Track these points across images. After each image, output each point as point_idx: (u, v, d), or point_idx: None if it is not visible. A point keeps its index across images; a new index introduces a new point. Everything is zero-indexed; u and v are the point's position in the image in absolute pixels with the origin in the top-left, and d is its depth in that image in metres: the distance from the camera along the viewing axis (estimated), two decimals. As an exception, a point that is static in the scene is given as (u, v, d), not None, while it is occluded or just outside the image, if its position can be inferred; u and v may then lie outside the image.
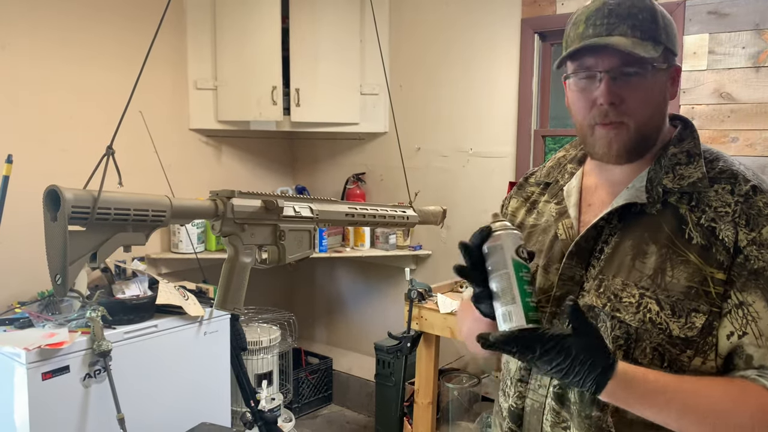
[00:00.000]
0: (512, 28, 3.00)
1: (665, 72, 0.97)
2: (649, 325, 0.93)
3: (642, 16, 0.94)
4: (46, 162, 2.73)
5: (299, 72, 3.25)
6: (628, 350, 0.95)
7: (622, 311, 0.95)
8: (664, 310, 0.93)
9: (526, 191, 1.19)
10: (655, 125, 0.99)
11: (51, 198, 0.76)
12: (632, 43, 0.93)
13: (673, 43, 0.97)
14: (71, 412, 2.23)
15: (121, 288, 2.49)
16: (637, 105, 0.95)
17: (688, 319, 0.92)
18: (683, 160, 0.98)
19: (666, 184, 0.97)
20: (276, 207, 1.06)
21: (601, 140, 0.98)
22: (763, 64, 2.37)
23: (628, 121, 0.96)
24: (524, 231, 1.12)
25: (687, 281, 0.92)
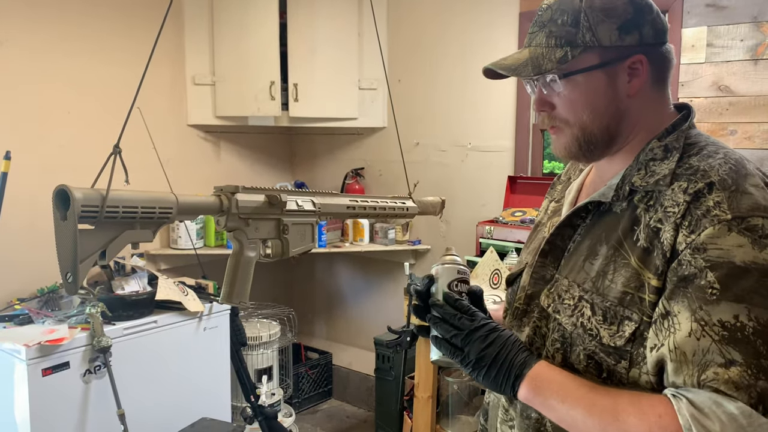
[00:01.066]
0: (510, 22, 3.00)
1: (605, 70, 0.91)
2: (580, 329, 0.91)
3: (562, 20, 0.91)
4: (44, 158, 2.73)
5: (297, 67, 3.24)
6: (565, 354, 0.93)
7: (561, 313, 0.94)
8: (596, 315, 0.89)
9: (555, 189, 1.18)
10: (599, 126, 0.94)
11: (60, 197, 0.76)
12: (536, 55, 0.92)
13: (613, 37, 0.90)
14: (71, 408, 2.23)
15: (121, 284, 2.49)
16: (565, 111, 0.95)
17: (619, 327, 0.87)
18: (659, 156, 0.92)
19: (635, 182, 0.92)
20: (279, 201, 1.07)
21: (551, 143, 1.01)
22: (761, 56, 2.37)
23: (562, 126, 0.96)
24: (537, 229, 1.14)
25: (623, 286, 0.87)
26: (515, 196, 3.01)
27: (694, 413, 0.76)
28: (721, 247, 0.80)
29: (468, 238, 3.11)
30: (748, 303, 0.77)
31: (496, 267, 2.67)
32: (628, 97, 0.93)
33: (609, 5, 0.90)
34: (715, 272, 0.79)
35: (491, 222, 2.88)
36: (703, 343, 0.78)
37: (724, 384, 0.75)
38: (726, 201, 0.82)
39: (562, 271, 0.98)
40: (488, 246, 2.78)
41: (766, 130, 2.39)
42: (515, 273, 1.10)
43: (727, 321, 0.77)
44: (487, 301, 2.64)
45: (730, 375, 0.75)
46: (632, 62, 0.92)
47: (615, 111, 0.94)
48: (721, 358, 0.76)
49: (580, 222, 0.99)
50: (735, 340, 0.76)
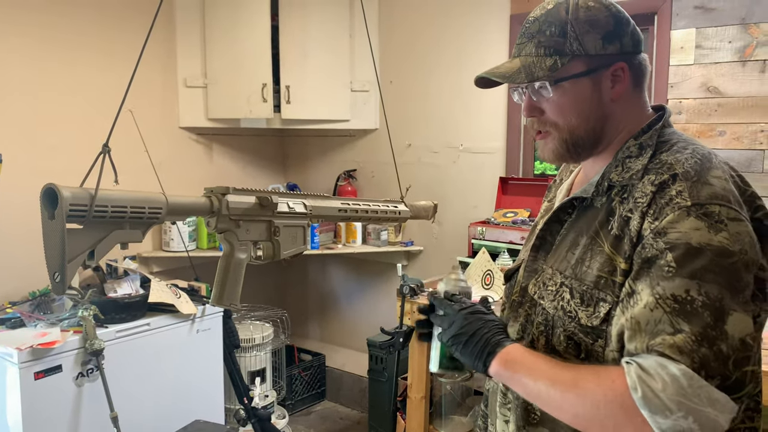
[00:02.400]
0: (501, 25, 3.01)
1: (591, 77, 0.99)
2: (561, 312, 0.99)
3: (550, 31, 0.99)
4: (36, 161, 2.72)
5: (289, 69, 3.25)
6: (548, 336, 1.01)
7: (545, 299, 1.03)
8: (574, 299, 0.97)
9: (551, 192, 1.26)
10: (586, 129, 1.01)
11: (48, 196, 0.76)
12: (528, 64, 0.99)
13: (598, 46, 0.98)
14: (64, 411, 2.23)
15: (113, 287, 2.49)
16: (555, 115, 1.02)
17: (595, 308, 0.95)
18: (634, 153, 1.00)
19: (612, 178, 1.00)
20: (270, 203, 1.07)
21: (539, 149, 1.09)
22: (749, 58, 2.40)
23: (551, 131, 1.03)
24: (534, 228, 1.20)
25: (598, 271, 0.95)
26: (507, 197, 3.02)
27: (640, 374, 0.82)
28: (680, 230, 0.87)
29: (460, 238, 3.12)
30: (700, 279, 0.84)
31: (488, 268, 2.68)
32: (611, 101, 1.01)
33: (593, 17, 0.99)
34: (673, 252, 0.86)
35: (483, 223, 2.89)
36: (656, 314, 0.85)
37: (669, 348, 0.82)
38: (687, 190, 0.90)
39: (548, 262, 1.06)
40: (480, 247, 2.79)
41: (754, 131, 2.41)
42: (512, 269, 1.19)
43: (679, 295, 0.84)
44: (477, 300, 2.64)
45: (675, 341, 0.82)
46: (615, 69, 1.00)
47: (600, 114, 1.02)
48: (671, 328, 0.83)
49: (566, 217, 1.07)
50: (684, 312, 0.83)
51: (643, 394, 0.81)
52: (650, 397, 0.81)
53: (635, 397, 0.82)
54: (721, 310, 0.83)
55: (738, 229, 0.87)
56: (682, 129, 2.52)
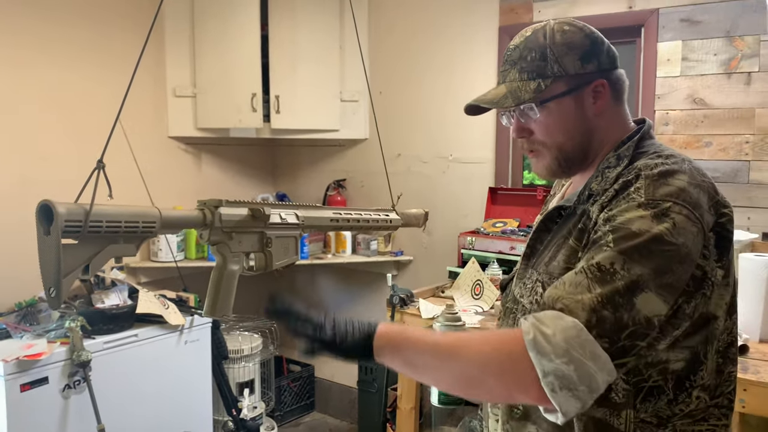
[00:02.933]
0: (490, 36, 3.04)
1: (573, 96, 1.05)
2: (535, 306, 1.04)
3: (531, 56, 1.05)
4: (23, 172, 2.70)
5: (279, 79, 3.25)
6: None
7: (524, 296, 1.10)
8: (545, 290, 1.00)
9: (547, 206, 1.30)
10: (573, 145, 1.07)
11: (44, 212, 0.76)
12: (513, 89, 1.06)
13: (577, 66, 1.04)
14: (50, 423, 2.20)
15: (101, 297, 2.47)
16: (543, 135, 1.08)
17: None
18: (612, 163, 1.05)
19: (593, 187, 1.05)
20: (263, 215, 1.07)
21: (531, 164, 1.15)
22: (734, 70, 2.43)
23: (541, 149, 1.09)
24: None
25: (565, 263, 1.02)
26: (496, 207, 3.03)
27: (534, 322, 0.88)
28: (626, 217, 0.93)
29: (450, 248, 3.12)
30: (627, 256, 0.89)
31: (477, 278, 2.69)
32: (594, 116, 1.07)
33: (569, 40, 1.05)
34: (614, 234, 0.92)
35: (473, 233, 2.90)
36: (579, 277, 0.91)
37: (574, 303, 0.88)
38: (644, 188, 0.95)
39: (534, 267, 1.12)
40: (470, 257, 2.79)
41: (739, 142, 2.44)
42: (508, 279, 1.24)
43: (604, 265, 0.90)
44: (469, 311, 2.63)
45: (583, 298, 0.88)
46: (595, 86, 1.06)
47: (585, 129, 1.08)
48: (587, 291, 0.88)
49: (553, 226, 1.13)
50: (602, 280, 0.88)
51: (533, 337, 0.86)
52: (539, 340, 0.85)
53: (526, 340, 0.86)
54: (637, 285, 0.87)
55: (685, 225, 0.91)
56: (669, 140, 2.55)
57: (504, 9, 2.99)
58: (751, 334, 2.00)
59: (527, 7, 2.92)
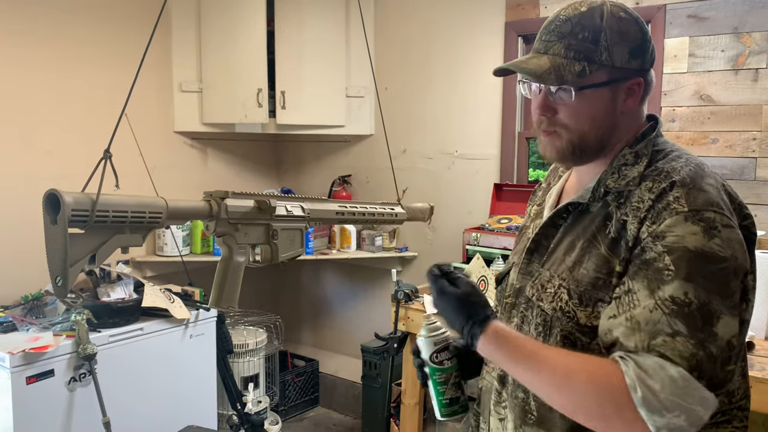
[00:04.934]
0: (496, 31, 3.03)
1: (611, 88, 1.01)
2: (559, 312, 1.01)
3: (583, 35, 0.99)
4: (29, 165, 2.71)
5: (285, 74, 3.25)
6: (545, 336, 1.03)
7: (543, 300, 1.04)
8: (572, 299, 0.99)
9: (537, 195, 1.28)
10: (595, 136, 1.03)
11: (51, 202, 0.76)
12: (557, 65, 0.99)
13: (624, 59, 0.99)
14: (56, 416, 2.21)
15: (107, 291, 2.48)
16: (568, 119, 1.02)
17: (594, 308, 0.97)
18: (630, 161, 1.03)
19: (609, 184, 1.02)
20: (269, 207, 1.07)
21: (540, 145, 1.09)
22: (741, 66, 2.42)
23: (560, 131, 1.04)
24: (522, 232, 1.24)
25: (595, 272, 0.98)
26: (501, 203, 3.03)
27: (639, 374, 0.85)
28: (677, 234, 0.90)
29: (454, 244, 3.12)
30: (695, 283, 0.87)
31: (482, 273, 2.68)
32: (621, 113, 1.04)
33: (624, 29, 1.00)
34: (671, 256, 0.90)
35: (478, 229, 2.90)
36: (656, 315, 0.88)
37: (671, 350, 0.85)
38: (684, 196, 0.93)
39: (545, 265, 1.07)
40: (475, 253, 2.79)
41: (746, 139, 2.43)
42: (503, 272, 1.20)
43: (678, 297, 0.87)
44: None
45: (675, 344, 0.85)
46: (632, 84, 1.02)
47: (610, 124, 1.03)
48: (669, 329, 0.86)
49: (561, 222, 1.08)
50: (682, 315, 0.86)
51: (643, 396, 0.84)
52: (650, 399, 0.84)
53: (635, 398, 0.85)
54: (711, 313, 0.87)
55: (730, 235, 0.91)
56: (675, 136, 2.54)
57: (510, 5, 2.98)
58: (757, 332, 2.00)
59: (534, 2, 2.91)
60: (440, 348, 1.12)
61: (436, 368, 1.12)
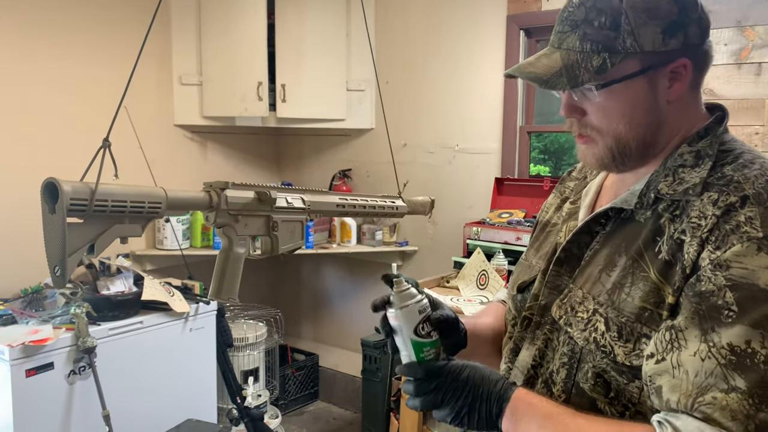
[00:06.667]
0: (498, 25, 3.01)
1: (646, 77, 0.83)
2: (593, 345, 0.84)
3: (600, 21, 0.82)
4: (28, 158, 2.70)
5: (285, 68, 3.24)
6: (571, 369, 0.87)
7: (573, 326, 0.87)
8: (610, 332, 0.82)
9: (565, 185, 1.12)
10: (635, 137, 0.86)
11: (49, 190, 0.75)
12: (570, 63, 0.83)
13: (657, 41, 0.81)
14: (56, 409, 2.21)
15: (106, 284, 2.47)
16: (599, 120, 0.86)
17: (636, 345, 0.80)
18: (689, 162, 0.85)
19: (661, 189, 0.85)
20: (269, 198, 1.06)
21: (579, 152, 0.93)
22: (744, 60, 2.41)
23: (594, 135, 0.88)
24: (546, 229, 1.07)
25: (641, 301, 0.80)
26: (502, 197, 3.02)
27: None
28: (746, 267, 0.73)
29: (455, 239, 3.12)
30: (765, 330, 0.71)
31: (483, 268, 2.68)
32: (666, 104, 0.86)
33: (652, 4, 0.81)
34: (734, 293, 0.73)
35: (478, 223, 2.89)
36: (708, 364, 0.72)
37: (720, 411, 0.70)
38: (759, 217, 0.75)
39: (576, 281, 0.91)
40: (475, 247, 2.79)
41: (749, 133, 2.42)
42: (528, 280, 1.02)
43: (737, 345, 0.71)
44: (474, 301, 2.62)
45: (728, 401, 0.69)
46: (675, 67, 0.84)
47: (653, 120, 0.86)
48: (724, 384, 0.70)
49: (598, 229, 0.92)
50: (742, 367, 0.70)
51: None
52: None
53: None
54: None
55: None
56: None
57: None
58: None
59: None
60: (424, 317, 0.91)
61: (425, 342, 0.90)
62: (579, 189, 1.06)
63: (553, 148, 3.50)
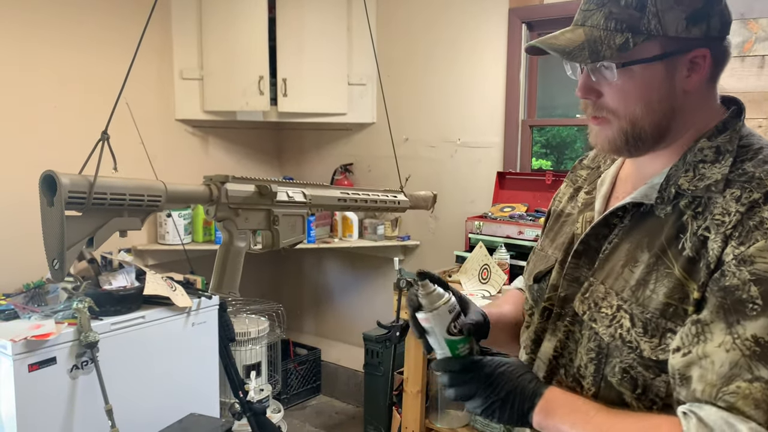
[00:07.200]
0: (500, 18, 3.00)
1: (665, 62, 0.85)
2: (619, 341, 0.86)
3: (626, 1, 0.84)
4: (30, 153, 2.70)
5: (286, 62, 3.23)
6: (599, 365, 0.89)
7: (598, 322, 0.89)
8: (636, 327, 0.84)
9: (576, 174, 1.12)
10: (651, 122, 0.87)
11: (47, 183, 0.75)
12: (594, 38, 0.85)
13: (680, 27, 0.83)
14: (58, 403, 2.21)
15: (108, 279, 2.47)
16: (615, 102, 0.88)
17: (662, 340, 0.82)
18: (709, 158, 0.86)
19: (682, 185, 0.86)
20: (269, 192, 1.06)
21: (591, 134, 0.94)
22: (748, 53, 2.39)
23: (609, 117, 0.89)
24: (561, 219, 1.08)
25: (666, 297, 0.82)
26: (504, 191, 3.02)
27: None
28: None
29: (457, 233, 3.11)
30: None
31: (485, 262, 2.67)
32: (683, 93, 0.87)
33: None
34: (759, 287, 0.75)
35: (480, 217, 2.89)
36: (732, 355, 0.74)
37: (743, 399, 0.72)
38: None
39: (597, 275, 0.92)
40: (477, 241, 2.78)
41: (752, 127, 2.40)
42: (544, 270, 1.03)
43: (761, 337, 0.73)
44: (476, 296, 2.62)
45: (752, 390, 0.72)
46: (694, 56, 0.85)
47: (669, 107, 0.87)
48: (748, 374, 0.73)
49: (616, 221, 0.93)
50: (766, 357, 0.72)
51: None
52: None
53: None
54: None
55: None
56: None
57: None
58: None
59: (537, -12, 2.88)
60: (455, 316, 0.94)
61: (458, 340, 0.94)
62: (593, 178, 1.07)
63: (555, 142, 3.48)
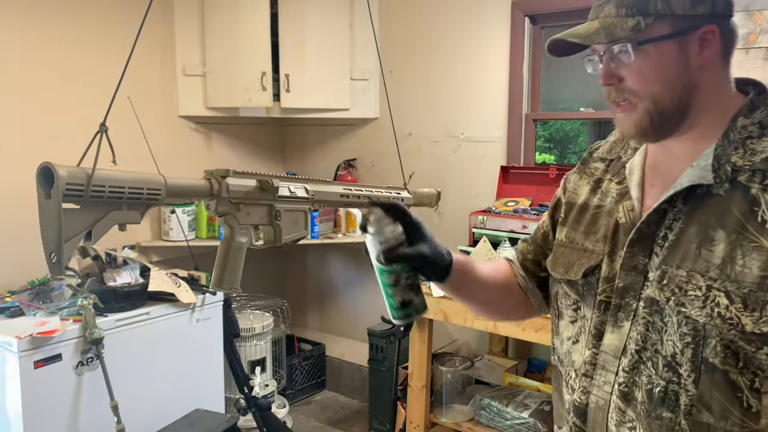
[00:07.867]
0: (503, 12, 2.99)
1: (677, 40, 0.91)
2: (718, 320, 0.86)
3: None
4: (32, 150, 2.70)
5: (289, 58, 3.23)
6: (697, 348, 0.89)
7: (687, 305, 0.89)
8: (735, 304, 0.85)
9: (590, 167, 1.15)
10: (672, 99, 0.92)
11: (44, 175, 0.75)
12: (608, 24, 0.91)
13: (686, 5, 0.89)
14: (64, 400, 2.22)
15: (113, 276, 2.48)
16: (636, 83, 0.92)
17: (762, 312, 0.83)
18: (755, 133, 0.90)
19: (735, 162, 0.89)
20: (271, 187, 1.05)
21: (618, 123, 0.99)
22: (752, 45, 2.38)
23: (633, 100, 0.93)
24: (589, 211, 1.10)
25: (760, 270, 0.83)
26: (508, 186, 3.01)
27: None
28: None
29: (461, 228, 3.10)
30: None
31: (489, 257, 2.67)
32: (699, 69, 0.92)
33: None
34: None
35: (484, 212, 2.88)
36: None
37: None
38: None
39: (669, 261, 0.93)
40: (481, 236, 2.78)
41: (757, 118, 2.40)
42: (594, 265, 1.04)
43: None
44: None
45: None
46: (704, 32, 0.91)
47: (686, 83, 0.92)
48: None
49: (666, 207, 0.95)
50: None
51: None
52: None
53: None
54: None
55: None
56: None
57: (516, -16, 2.94)
58: None
59: (540, -19, 2.87)
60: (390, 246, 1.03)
61: (383, 269, 1.03)
62: (616, 169, 1.10)
63: (559, 137, 3.47)
